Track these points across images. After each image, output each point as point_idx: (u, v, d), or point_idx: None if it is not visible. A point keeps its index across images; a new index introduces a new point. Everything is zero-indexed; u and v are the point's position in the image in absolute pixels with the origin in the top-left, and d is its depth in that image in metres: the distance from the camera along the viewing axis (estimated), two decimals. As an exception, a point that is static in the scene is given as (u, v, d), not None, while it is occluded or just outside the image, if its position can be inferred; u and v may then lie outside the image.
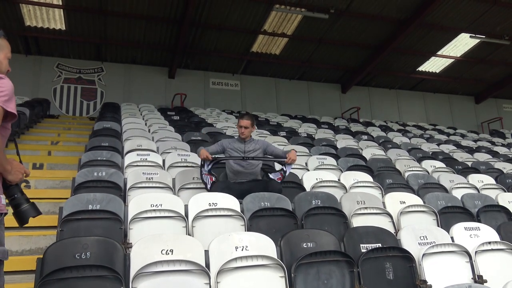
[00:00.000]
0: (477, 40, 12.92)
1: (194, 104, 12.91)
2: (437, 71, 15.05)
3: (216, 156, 4.41)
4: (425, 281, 3.01)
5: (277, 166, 5.55)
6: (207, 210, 3.58)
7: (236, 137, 4.75)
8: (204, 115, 11.06)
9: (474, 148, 10.05)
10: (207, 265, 2.77)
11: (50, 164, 6.17)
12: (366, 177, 5.43)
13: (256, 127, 4.82)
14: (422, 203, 4.52)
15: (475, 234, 3.63)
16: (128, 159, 5.27)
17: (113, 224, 3.32)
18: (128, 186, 4.33)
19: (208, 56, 13.14)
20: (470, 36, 12.59)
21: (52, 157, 6.68)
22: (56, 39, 11.82)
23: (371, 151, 7.63)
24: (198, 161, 4.66)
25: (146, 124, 8.32)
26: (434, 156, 8.00)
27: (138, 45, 12.33)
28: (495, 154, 9.27)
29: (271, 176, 4.36)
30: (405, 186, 5.47)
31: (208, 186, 4.28)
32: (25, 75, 11.99)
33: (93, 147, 5.81)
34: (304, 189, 4.80)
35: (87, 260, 2.59)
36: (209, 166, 4.26)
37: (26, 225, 2.02)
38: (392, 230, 3.78)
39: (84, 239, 2.69)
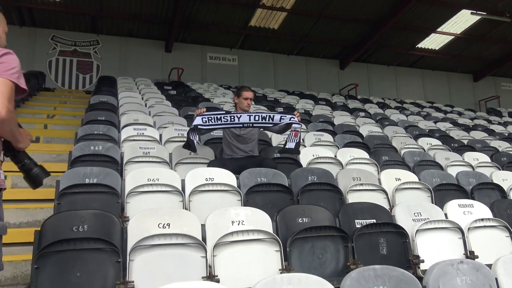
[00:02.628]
0: (478, 17, 12.74)
1: (191, 79, 12.81)
2: (437, 48, 14.92)
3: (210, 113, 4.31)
4: (417, 256, 3.06)
5: (277, 137, 5.52)
6: (203, 185, 3.59)
7: (233, 109, 4.73)
8: (201, 90, 10.97)
9: (471, 126, 10.06)
10: (204, 239, 2.79)
11: (47, 138, 6.15)
12: (362, 153, 5.44)
13: (253, 102, 4.81)
14: (417, 180, 4.54)
15: (469, 211, 3.67)
16: (125, 133, 5.25)
17: (110, 198, 3.32)
18: (124, 161, 4.33)
19: (206, 30, 12.96)
20: (471, 13, 12.42)
21: (49, 131, 6.66)
22: (51, 10, 11.59)
23: (368, 128, 7.63)
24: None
25: (142, 99, 8.27)
26: (430, 133, 8.01)
27: (135, 18, 12.12)
28: (491, 133, 9.30)
29: (288, 145, 4.14)
30: (401, 163, 5.49)
31: (195, 140, 4.19)
32: (19, 47, 11.78)
33: (89, 121, 5.78)
34: (300, 165, 4.82)
35: (85, 233, 2.60)
36: (200, 125, 4.13)
37: (23, 198, 2.04)
38: (387, 207, 3.81)
39: (81, 212, 2.70)
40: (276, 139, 5.73)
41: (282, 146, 4.31)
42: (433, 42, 14.52)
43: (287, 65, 14.75)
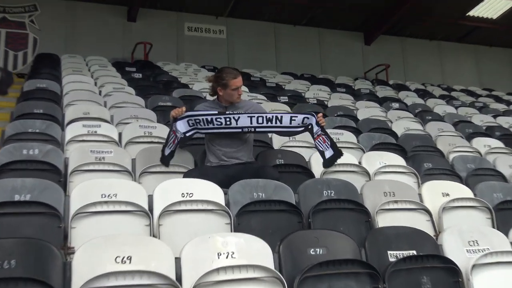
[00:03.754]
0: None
1: (163, 58, 12.80)
2: (494, 17, 14.97)
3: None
4: (475, 302, 3.03)
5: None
6: (179, 202, 3.56)
7: (213, 99, 4.66)
8: (176, 73, 10.96)
9: (544, 122, 10.08)
10: (179, 278, 2.75)
11: (-38, 138, 6.10)
12: (396, 159, 5.43)
13: (247, 89, 4.82)
14: (472, 196, 4.53)
15: (545, 239, 3.65)
16: (71, 132, 5.23)
17: (48, 222, 3.29)
18: (70, 169, 4.30)
19: (183, -9, 13.03)
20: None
21: (-35, 128, 6.59)
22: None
23: (403, 125, 7.63)
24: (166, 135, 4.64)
25: (96, 84, 8.23)
26: (489, 132, 8.04)
27: (85, -26, 12.14)
28: None
29: (327, 154, 4.31)
30: (449, 172, 5.49)
31: (169, 147, 4.28)
32: None
33: (22, 114, 5.76)
34: (312, 175, 4.79)
35: (11, 271, 2.54)
36: (188, 131, 4.28)
37: None
38: (431, 233, 3.79)
39: (7, 242, 2.65)
40: (279, 140, 5.71)
41: (323, 162, 4.42)
42: (490, 9, 14.61)
43: (293, 39, 14.81)
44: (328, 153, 4.31)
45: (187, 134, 4.31)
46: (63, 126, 5.60)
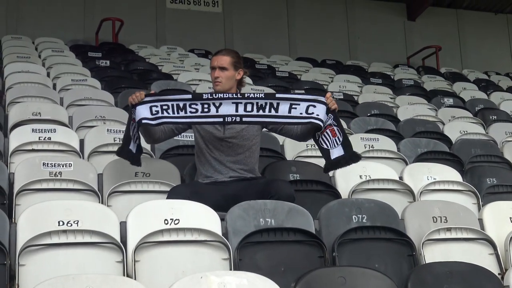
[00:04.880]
0: None
1: (138, 39, 12.83)
2: None
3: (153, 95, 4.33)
4: None
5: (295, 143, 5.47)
6: (161, 232, 3.57)
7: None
8: (155, 59, 10.98)
9: None
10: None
11: None
12: (450, 173, 5.44)
13: (246, 73, 4.75)
14: (550, 222, 4.52)
15: None
16: (16, 139, 5.24)
17: (-11, 257, 3.30)
18: (16, 189, 4.30)
19: None
20: None
21: None
22: None
23: (459, 127, 7.63)
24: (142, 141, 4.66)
25: (48, 75, 8.24)
26: None
27: None
28: None
29: (334, 153, 4.19)
30: (520, 190, 5.49)
31: (134, 142, 4.25)
32: None
33: (-49, 116, 5.79)
34: (337, 195, 4.81)
35: None
36: (152, 120, 4.16)
37: None
38: (495, 270, 3.79)
39: None
40: (293, 148, 5.72)
41: (325, 164, 4.34)
42: None
43: (312, 13, 14.80)
44: (337, 152, 4.17)
45: (143, 122, 4.13)
46: (6, 131, 5.61)
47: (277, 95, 4.29)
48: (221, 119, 4.17)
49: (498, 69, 14.93)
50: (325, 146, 4.22)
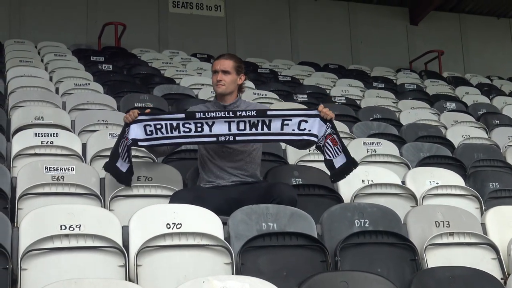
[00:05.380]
0: None
1: (141, 43, 12.85)
2: None
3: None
4: None
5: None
6: (163, 236, 3.58)
7: (212, 100, 4.74)
8: (158, 63, 10.99)
9: None
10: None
11: None
12: (452, 178, 5.44)
13: (246, 79, 4.77)
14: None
15: None
16: (19, 143, 5.24)
17: (-8, 263, 3.31)
18: (18, 193, 4.31)
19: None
20: None
21: None
22: None
23: (462, 131, 7.63)
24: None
25: (51, 79, 8.25)
26: None
27: None
28: None
29: (337, 162, 4.23)
30: (523, 195, 5.48)
31: (124, 161, 4.29)
32: None
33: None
34: (340, 200, 4.81)
35: None
36: (143, 139, 4.24)
37: None
38: (498, 274, 3.79)
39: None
40: (295, 153, 5.73)
41: (331, 174, 4.39)
42: None
43: (314, 17, 14.82)
44: (340, 160, 4.23)
45: (140, 143, 4.25)
46: (9, 136, 5.61)
47: (268, 112, 4.33)
48: (214, 139, 4.23)
49: (501, 74, 14.93)
50: (328, 157, 4.26)
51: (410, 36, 15.42)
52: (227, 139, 4.21)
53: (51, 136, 5.36)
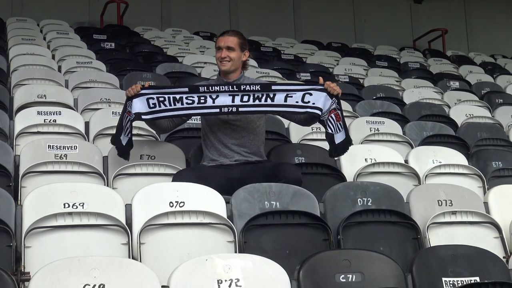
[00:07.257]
0: None
1: (143, 22, 12.78)
2: None
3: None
4: None
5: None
6: (166, 214, 3.58)
7: (215, 77, 4.73)
8: (160, 42, 10.98)
9: None
10: (167, 313, 2.78)
11: None
12: (455, 157, 5.44)
13: (250, 56, 4.77)
14: (556, 205, 4.52)
15: None
16: (22, 121, 5.25)
17: (-4, 240, 3.32)
18: (22, 171, 4.32)
19: None
20: None
21: None
22: None
23: (465, 110, 7.61)
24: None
25: (53, 57, 8.25)
26: None
27: None
28: None
29: (337, 138, 4.23)
30: (526, 174, 5.48)
31: (125, 135, 4.29)
32: None
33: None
34: (342, 178, 4.81)
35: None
36: (147, 113, 4.23)
37: None
38: (500, 253, 3.79)
39: None
40: (298, 131, 5.73)
41: (331, 149, 4.36)
42: None
43: (318, -4, 14.72)
44: (340, 136, 4.23)
45: (143, 117, 4.25)
46: (12, 114, 5.62)
47: (273, 87, 4.34)
48: (217, 110, 4.23)
49: (505, 52, 14.85)
50: (330, 131, 4.25)
51: (413, 14, 15.33)
52: (230, 110, 4.22)
53: (54, 114, 5.35)
